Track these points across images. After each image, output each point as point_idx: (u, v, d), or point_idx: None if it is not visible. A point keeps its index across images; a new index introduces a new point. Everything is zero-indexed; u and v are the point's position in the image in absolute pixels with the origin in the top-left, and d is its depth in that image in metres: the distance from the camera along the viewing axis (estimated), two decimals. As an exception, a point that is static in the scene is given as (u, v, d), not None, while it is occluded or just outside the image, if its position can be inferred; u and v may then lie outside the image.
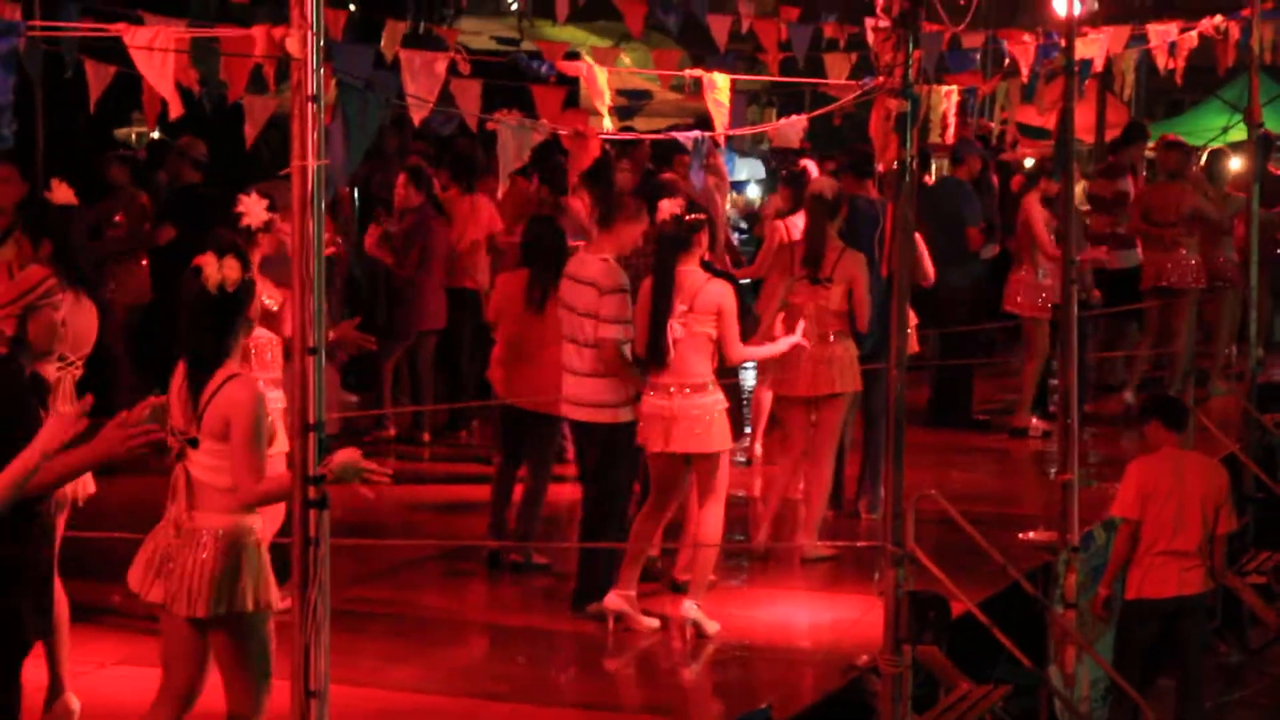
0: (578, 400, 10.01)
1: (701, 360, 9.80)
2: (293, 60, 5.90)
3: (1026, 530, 11.85)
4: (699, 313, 9.76)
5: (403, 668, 9.26)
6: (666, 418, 9.74)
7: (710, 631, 9.78)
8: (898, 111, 8.50)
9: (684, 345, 9.75)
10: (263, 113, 10.13)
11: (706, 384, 9.80)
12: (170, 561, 6.68)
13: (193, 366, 6.71)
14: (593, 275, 9.89)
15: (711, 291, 9.82)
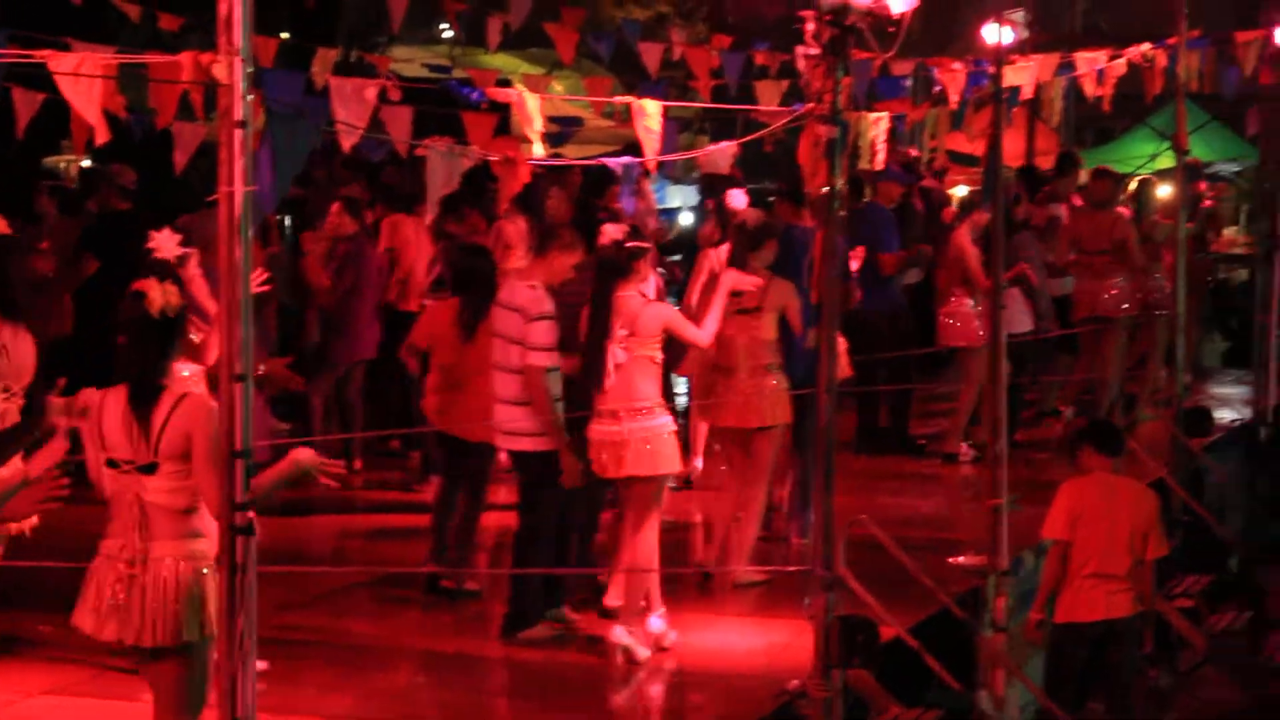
0: (508, 428, 10.01)
1: (648, 383, 9.84)
2: (220, 86, 5.90)
3: (957, 555, 11.90)
4: (642, 336, 9.80)
5: (337, 696, 9.23)
6: (617, 443, 9.78)
7: (640, 658, 9.78)
8: (827, 138, 8.53)
9: (629, 369, 9.78)
10: (192, 139, 10.13)
11: (654, 407, 9.84)
12: (125, 594, 6.60)
13: (137, 392, 6.66)
14: (520, 302, 9.90)
15: (652, 314, 9.88)
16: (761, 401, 11.12)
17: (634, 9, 33.01)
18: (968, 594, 10.77)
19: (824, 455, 8.63)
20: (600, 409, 9.84)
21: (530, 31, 16.49)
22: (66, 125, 10.20)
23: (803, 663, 8.90)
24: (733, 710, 9.18)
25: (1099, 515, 10.02)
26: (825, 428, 8.62)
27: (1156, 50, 14.62)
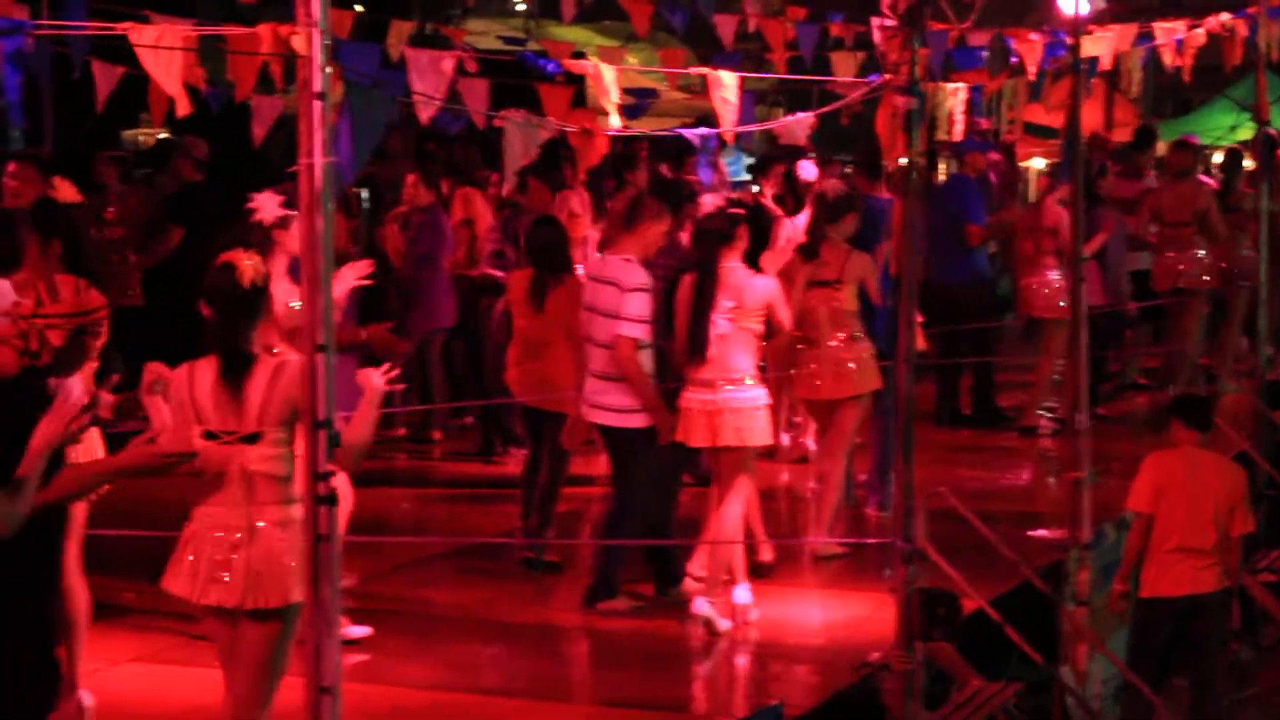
0: (596, 402, 9.99)
1: (746, 356, 9.85)
2: (299, 58, 5.89)
3: (1038, 528, 11.84)
4: (747, 308, 9.80)
5: (415, 665, 9.25)
6: (711, 412, 9.78)
7: (720, 629, 9.77)
8: (904, 109, 8.49)
9: (730, 341, 9.78)
10: (270, 112, 10.14)
11: (749, 379, 9.84)
12: (231, 560, 6.64)
13: (230, 364, 6.68)
14: (614, 275, 9.87)
15: (759, 286, 9.88)
16: (848, 370, 11.10)
17: (708, -19, 32.87)
18: (1049, 567, 10.71)
19: (904, 427, 8.59)
20: (695, 378, 9.83)
21: (604, 3, 16.48)
22: (145, 98, 10.26)
23: (884, 635, 8.88)
24: (814, 682, 9.16)
25: (1183, 489, 9.93)
26: (905, 399, 8.58)
27: (1236, 20, 14.46)
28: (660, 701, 9.07)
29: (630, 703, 8.97)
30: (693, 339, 9.80)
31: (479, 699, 8.90)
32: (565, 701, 8.91)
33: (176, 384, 6.71)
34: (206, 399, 6.68)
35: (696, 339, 9.77)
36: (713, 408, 9.79)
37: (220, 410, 6.68)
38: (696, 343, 9.77)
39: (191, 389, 6.69)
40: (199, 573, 6.69)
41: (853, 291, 11.15)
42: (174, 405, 6.68)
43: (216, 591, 6.68)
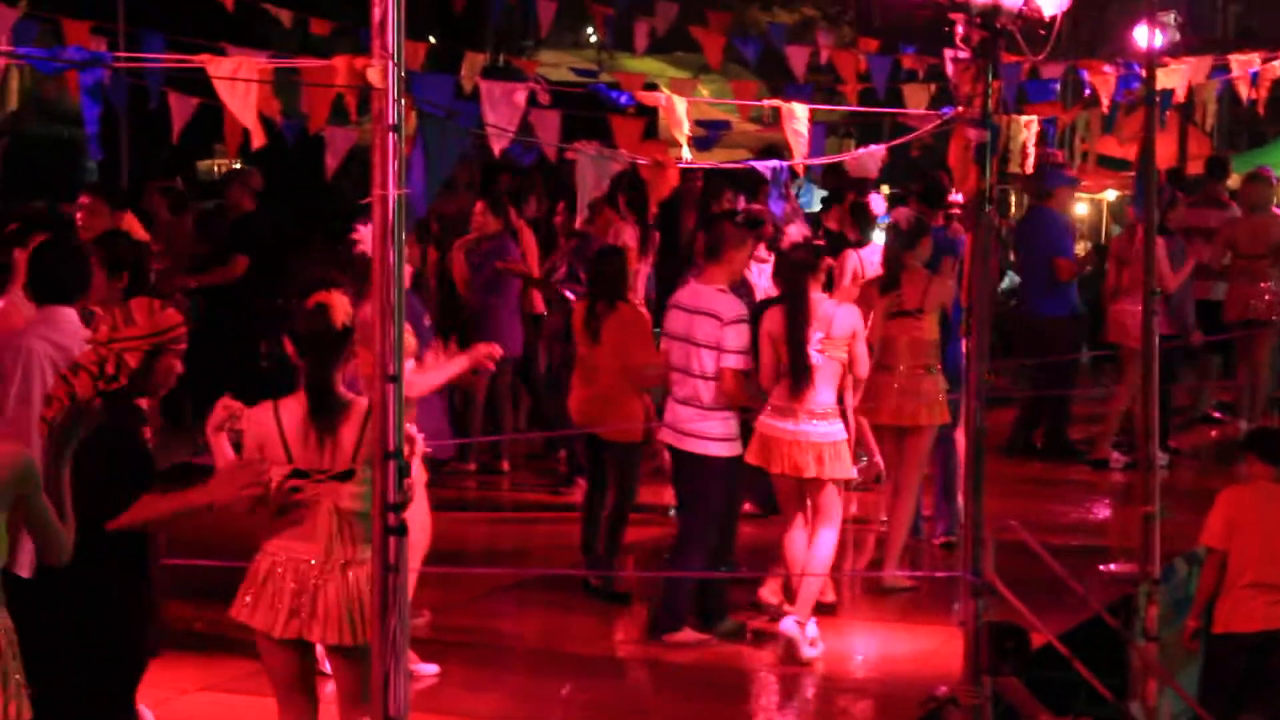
0: (684, 430, 9.99)
1: (830, 389, 9.90)
2: (374, 90, 5.93)
3: (1108, 562, 11.78)
4: (835, 339, 9.85)
5: (484, 696, 9.27)
6: (789, 441, 9.81)
7: (805, 656, 9.79)
8: (977, 141, 8.47)
9: (819, 373, 9.83)
10: (343, 143, 10.22)
11: (829, 413, 9.89)
12: (316, 595, 6.72)
13: (321, 403, 6.76)
14: (712, 306, 9.92)
15: (846, 317, 9.93)
16: (918, 401, 11.10)
17: (780, 13, 32.96)
18: (1119, 602, 10.66)
19: (974, 459, 8.57)
20: (776, 404, 9.87)
21: (676, 35, 16.53)
22: (219, 130, 10.36)
23: (951, 669, 8.84)
24: (881, 716, 9.13)
25: (1257, 524, 9.85)
26: (975, 432, 8.55)
27: (1312, 53, 14.38)
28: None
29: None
30: (796, 370, 9.82)
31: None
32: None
33: (261, 421, 6.81)
34: (295, 437, 6.76)
35: (800, 369, 9.81)
36: (793, 438, 9.83)
37: (309, 449, 6.76)
38: (801, 373, 9.80)
39: (281, 427, 6.78)
40: (279, 606, 6.78)
41: (934, 320, 11.18)
42: (258, 443, 6.80)
43: (296, 625, 6.76)
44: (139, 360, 6.46)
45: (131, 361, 6.45)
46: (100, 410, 6.31)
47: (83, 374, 6.46)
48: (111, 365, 6.43)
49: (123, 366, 6.44)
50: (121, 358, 6.44)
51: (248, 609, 6.85)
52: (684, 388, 10.01)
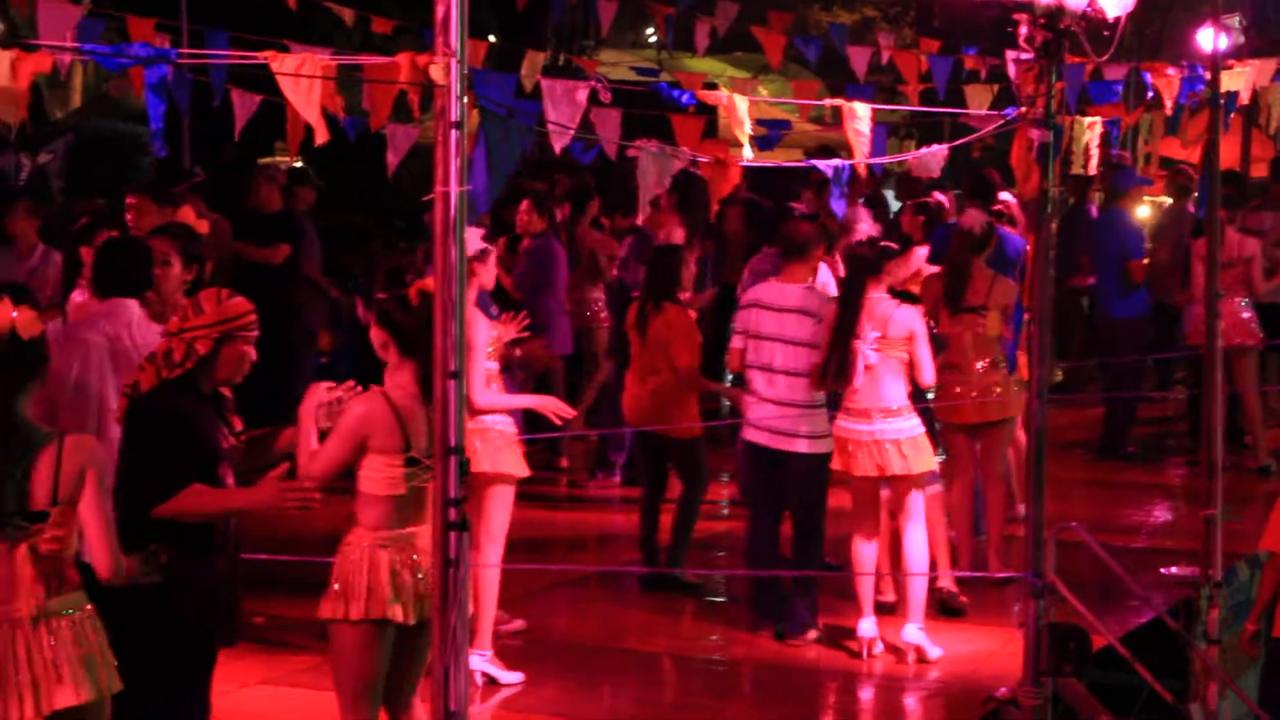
0: (780, 429, 9.99)
1: (897, 385, 9.91)
2: (436, 87, 5.96)
3: (1170, 565, 11.73)
4: (892, 339, 9.85)
5: (543, 690, 9.29)
6: (866, 443, 9.85)
7: (932, 657, 9.87)
8: (1039, 142, 8.45)
9: (880, 371, 9.84)
10: (405, 141, 10.24)
11: (903, 409, 9.91)
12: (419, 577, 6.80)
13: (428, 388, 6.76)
14: (806, 304, 10.00)
15: (902, 317, 9.92)
16: (994, 395, 11.12)
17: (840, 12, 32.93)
18: (1180, 604, 10.61)
19: (1035, 460, 8.54)
20: (850, 407, 9.91)
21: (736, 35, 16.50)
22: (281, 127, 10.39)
23: (1012, 670, 8.83)
24: (941, 716, 9.11)
25: (1318, 527, 9.78)
26: (1038, 432, 8.53)
27: (1378, 54, 14.27)
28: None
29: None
30: (839, 365, 9.81)
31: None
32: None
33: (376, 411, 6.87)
34: (415, 426, 6.86)
35: (843, 365, 9.80)
36: (872, 439, 9.87)
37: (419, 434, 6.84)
38: (843, 369, 9.80)
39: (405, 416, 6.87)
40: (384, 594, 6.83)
41: (997, 317, 11.17)
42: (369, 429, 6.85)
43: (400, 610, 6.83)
44: (208, 348, 6.57)
45: (201, 349, 6.56)
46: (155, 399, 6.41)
47: (149, 366, 6.59)
48: (180, 353, 6.55)
49: (191, 354, 6.55)
50: (191, 346, 6.56)
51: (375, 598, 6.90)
52: (775, 387, 10.02)
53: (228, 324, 6.64)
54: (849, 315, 9.85)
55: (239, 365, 6.68)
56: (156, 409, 6.54)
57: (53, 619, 5.88)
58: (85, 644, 5.91)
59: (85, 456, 5.91)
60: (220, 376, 6.70)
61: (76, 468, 5.88)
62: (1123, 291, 15.13)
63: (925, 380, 10.03)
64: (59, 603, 5.90)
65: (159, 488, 6.41)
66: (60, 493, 5.85)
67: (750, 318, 10.19)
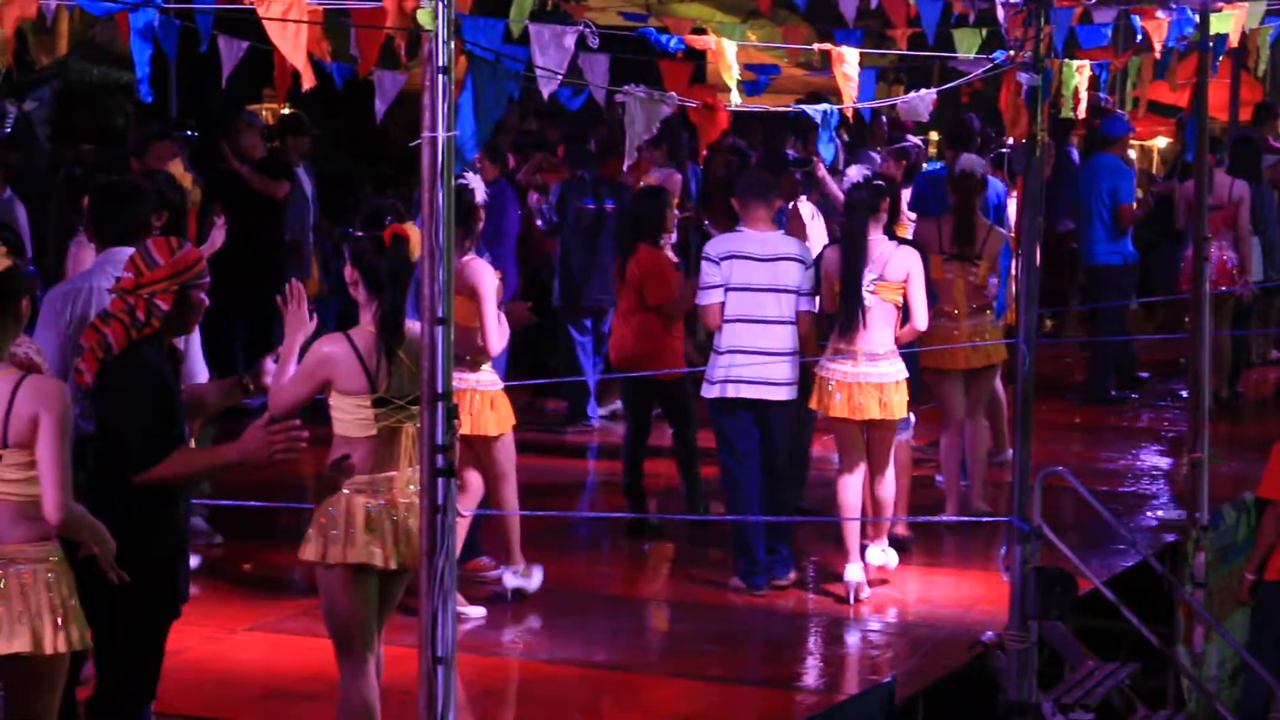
0: (762, 378, 9.90)
1: (887, 330, 9.90)
2: (424, 32, 5.94)
3: (1157, 509, 11.78)
4: (890, 281, 9.85)
5: (534, 638, 9.32)
6: (850, 384, 9.84)
7: (892, 567, 10.08)
8: (1028, 86, 8.45)
9: (872, 314, 9.83)
10: (392, 87, 10.20)
11: (890, 353, 9.91)
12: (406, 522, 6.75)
13: (393, 331, 6.83)
14: (791, 251, 9.96)
15: (901, 258, 9.90)
16: (983, 342, 11.20)
17: (829, -43, 32.74)
18: (1166, 548, 10.65)
19: (1022, 405, 8.57)
20: (837, 347, 9.89)
21: (725, -21, 16.46)
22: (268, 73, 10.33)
23: (997, 614, 8.88)
24: (926, 662, 9.14)
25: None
26: (1024, 378, 8.56)
27: (1369, -6, 14.24)
28: (770, 677, 9.12)
29: (740, 678, 9.00)
30: (848, 311, 9.83)
31: (590, 671, 8.97)
32: (675, 676, 8.93)
33: (334, 351, 6.83)
34: (375, 366, 6.81)
35: (851, 312, 9.81)
36: (856, 380, 9.84)
37: (382, 376, 6.80)
38: (851, 316, 9.81)
39: (361, 356, 6.81)
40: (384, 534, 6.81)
41: (988, 268, 11.20)
42: (328, 373, 6.82)
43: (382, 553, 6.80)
44: (170, 301, 6.43)
45: (164, 304, 6.41)
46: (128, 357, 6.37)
47: (114, 323, 6.38)
48: (142, 311, 6.38)
49: (154, 310, 6.40)
50: (152, 301, 6.39)
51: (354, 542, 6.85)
52: (766, 337, 9.89)
53: (184, 274, 6.48)
54: (854, 262, 9.84)
55: (196, 316, 6.60)
56: (135, 370, 6.38)
57: (6, 564, 5.74)
58: (34, 597, 5.75)
59: (40, 401, 5.71)
60: (180, 330, 6.61)
61: (29, 411, 5.70)
62: (1110, 237, 15.12)
63: (919, 324, 9.99)
64: (14, 550, 5.75)
65: (147, 452, 6.31)
66: (9, 435, 5.71)
67: (736, 269, 9.98)
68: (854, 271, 9.82)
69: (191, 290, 6.50)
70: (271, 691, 8.41)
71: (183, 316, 6.53)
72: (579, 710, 8.62)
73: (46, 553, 5.82)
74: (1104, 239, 15.13)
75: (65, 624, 5.80)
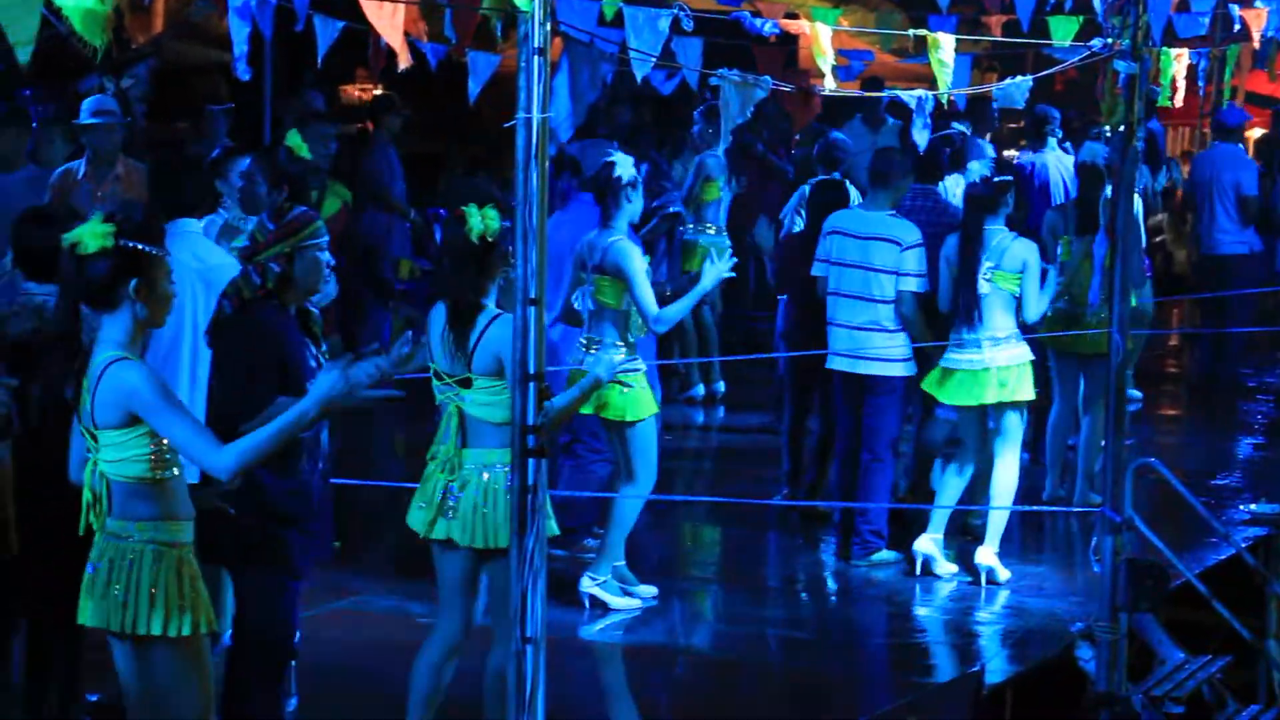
0: (860, 354, 10.11)
1: (1007, 315, 9.97)
2: (520, 14, 5.94)
3: (1252, 501, 11.69)
4: (1005, 270, 9.93)
5: (620, 621, 9.30)
6: (975, 371, 9.93)
7: (1002, 579, 9.92)
8: (1125, 74, 8.39)
9: (991, 300, 9.92)
10: (486, 68, 10.22)
11: (1011, 337, 9.97)
12: (453, 498, 6.91)
13: (455, 312, 6.99)
14: (890, 232, 10.05)
15: (1018, 250, 9.96)
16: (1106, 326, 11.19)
17: (923, -57, 32.61)
18: (1260, 541, 10.56)
19: (1115, 395, 8.51)
20: (963, 339, 9.96)
21: (820, -35, 16.39)
22: (362, 54, 10.36)
23: (1087, 605, 8.83)
24: (1015, 653, 9.09)
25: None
26: (1116, 367, 8.50)
27: None
28: (859, 664, 9.10)
29: (827, 664, 8.97)
30: (961, 301, 9.94)
31: (672, 654, 9.01)
32: (755, 660, 8.93)
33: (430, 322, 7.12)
34: (436, 342, 7.06)
35: (965, 301, 9.92)
36: (976, 366, 9.94)
37: (446, 355, 7.03)
38: (966, 305, 9.92)
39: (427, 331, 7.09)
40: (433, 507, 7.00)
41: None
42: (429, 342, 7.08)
43: (444, 526, 6.96)
44: (283, 264, 6.58)
45: (276, 267, 6.58)
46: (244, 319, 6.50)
47: (232, 291, 6.62)
48: (258, 274, 6.56)
49: (269, 274, 6.57)
50: (267, 266, 6.56)
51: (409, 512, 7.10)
52: (860, 313, 10.08)
53: (298, 236, 6.63)
54: (972, 254, 9.95)
55: (317, 274, 6.69)
56: (242, 329, 6.56)
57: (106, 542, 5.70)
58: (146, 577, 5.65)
59: (122, 389, 5.61)
60: (302, 290, 6.71)
61: (114, 397, 5.62)
62: (1237, 227, 15.04)
63: (1031, 315, 10.08)
64: (122, 527, 5.68)
65: (247, 408, 6.39)
66: (97, 417, 5.66)
67: (832, 246, 10.24)
68: (970, 263, 9.92)
69: (309, 251, 6.62)
70: (344, 667, 8.44)
71: (306, 277, 6.66)
72: (662, 690, 8.66)
73: (167, 534, 5.72)
74: (1229, 229, 15.03)
75: (184, 608, 5.69)
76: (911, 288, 10.01)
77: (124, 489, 5.69)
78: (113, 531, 5.69)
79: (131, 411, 5.61)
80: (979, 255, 9.92)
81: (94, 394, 5.64)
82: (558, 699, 5.96)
